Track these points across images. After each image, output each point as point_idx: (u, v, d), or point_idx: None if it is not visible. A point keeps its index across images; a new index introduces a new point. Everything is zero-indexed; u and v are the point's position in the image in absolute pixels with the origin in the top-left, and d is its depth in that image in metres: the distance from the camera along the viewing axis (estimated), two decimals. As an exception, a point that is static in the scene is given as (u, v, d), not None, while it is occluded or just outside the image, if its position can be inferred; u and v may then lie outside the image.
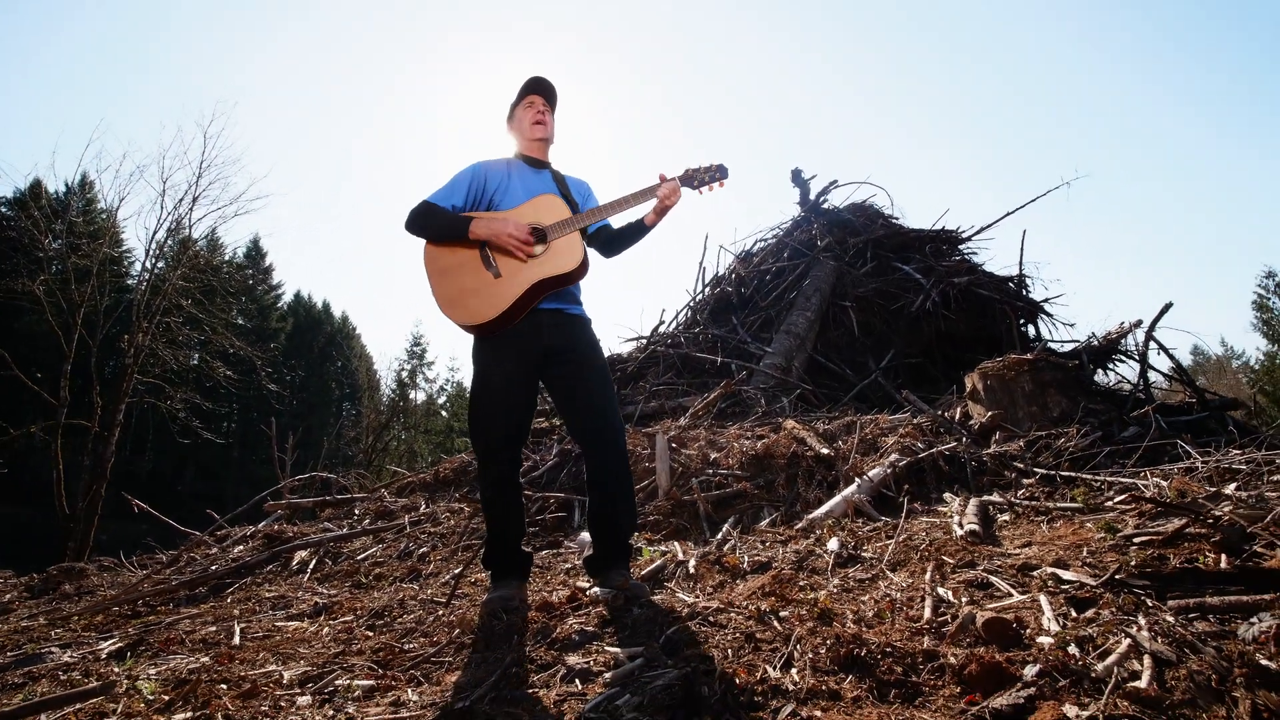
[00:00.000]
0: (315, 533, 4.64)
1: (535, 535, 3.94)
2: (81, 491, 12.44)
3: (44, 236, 13.90)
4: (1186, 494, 2.11)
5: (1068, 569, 1.67)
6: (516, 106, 2.61)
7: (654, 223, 2.52)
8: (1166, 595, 1.36)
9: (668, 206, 2.46)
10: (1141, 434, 3.45)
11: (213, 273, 15.49)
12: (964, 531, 2.23)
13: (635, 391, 7.34)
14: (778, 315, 7.92)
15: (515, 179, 2.49)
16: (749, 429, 4.91)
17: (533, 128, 2.55)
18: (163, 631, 2.73)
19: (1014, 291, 8.35)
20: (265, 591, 3.52)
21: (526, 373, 2.35)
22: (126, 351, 13.29)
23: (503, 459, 2.34)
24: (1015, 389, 4.04)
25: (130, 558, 5.25)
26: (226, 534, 5.21)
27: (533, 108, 2.57)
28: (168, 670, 2.04)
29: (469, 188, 2.44)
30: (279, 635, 2.46)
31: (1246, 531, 1.56)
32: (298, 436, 14.45)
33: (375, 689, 1.64)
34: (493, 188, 2.47)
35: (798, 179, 9.46)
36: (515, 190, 2.46)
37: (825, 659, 1.34)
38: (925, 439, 4.00)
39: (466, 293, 2.30)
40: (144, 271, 14.45)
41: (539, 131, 2.56)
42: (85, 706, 1.71)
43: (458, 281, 2.32)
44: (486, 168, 2.50)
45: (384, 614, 2.56)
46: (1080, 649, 1.23)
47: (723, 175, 2.50)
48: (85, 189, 21.44)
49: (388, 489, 6.13)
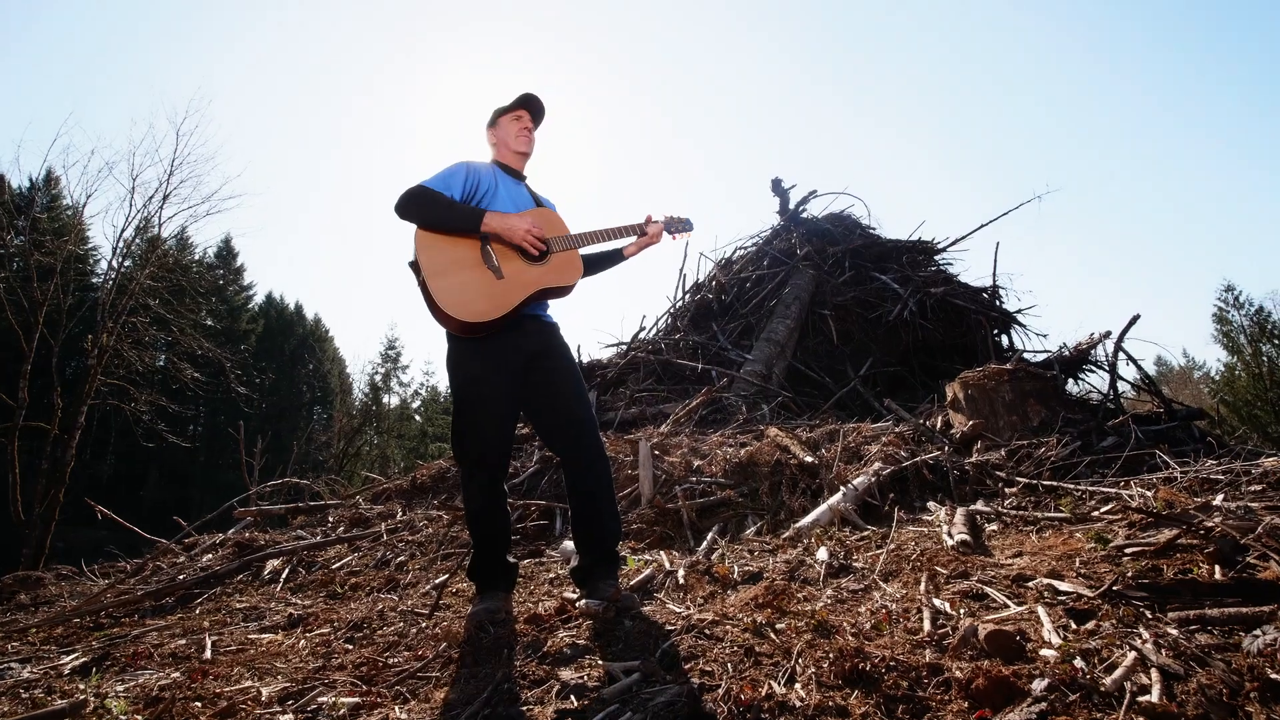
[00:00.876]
0: (288, 541, 4.51)
1: (517, 544, 3.87)
2: (38, 496, 11.97)
3: (5, 233, 13.39)
4: (1174, 505, 2.14)
5: (1063, 580, 1.68)
6: (504, 115, 2.59)
7: (632, 254, 2.71)
8: (1166, 607, 1.37)
9: (648, 244, 2.70)
10: (1120, 444, 3.51)
11: (182, 272, 15.08)
12: (955, 541, 2.23)
13: (615, 398, 7.31)
14: (758, 323, 7.96)
15: (501, 186, 2.48)
16: (731, 436, 4.90)
17: (518, 140, 2.56)
18: (129, 645, 2.61)
19: (988, 302, 8.51)
20: (236, 602, 3.40)
21: (515, 379, 2.32)
22: (90, 352, 12.85)
23: (493, 465, 2.30)
24: (996, 399, 4.09)
25: (91, 566, 5.04)
26: (194, 542, 5.03)
27: (520, 121, 2.58)
28: (137, 687, 1.94)
29: (464, 184, 2.39)
30: (253, 648, 2.36)
31: (1239, 543, 1.58)
32: (267, 441, 14.10)
33: (361, 707, 1.57)
34: (483, 190, 2.44)
35: (778, 188, 9.55)
36: (502, 197, 2.45)
37: (829, 673, 1.32)
38: (908, 447, 4.02)
39: (468, 288, 2.23)
40: (110, 270, 14.00)
41: (524, 144, 2.57)
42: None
43: (457, 277, 2.24)
44: (477, 168, 2.48)
45: (363, 626, 2.49)
46: (1086, 662, 1.23)
47: (689, 228, 2.87)
48: (50, 185, 20.73)
49: (363, 496, 5.99)
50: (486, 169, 2.50)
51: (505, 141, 2.56)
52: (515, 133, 2.55)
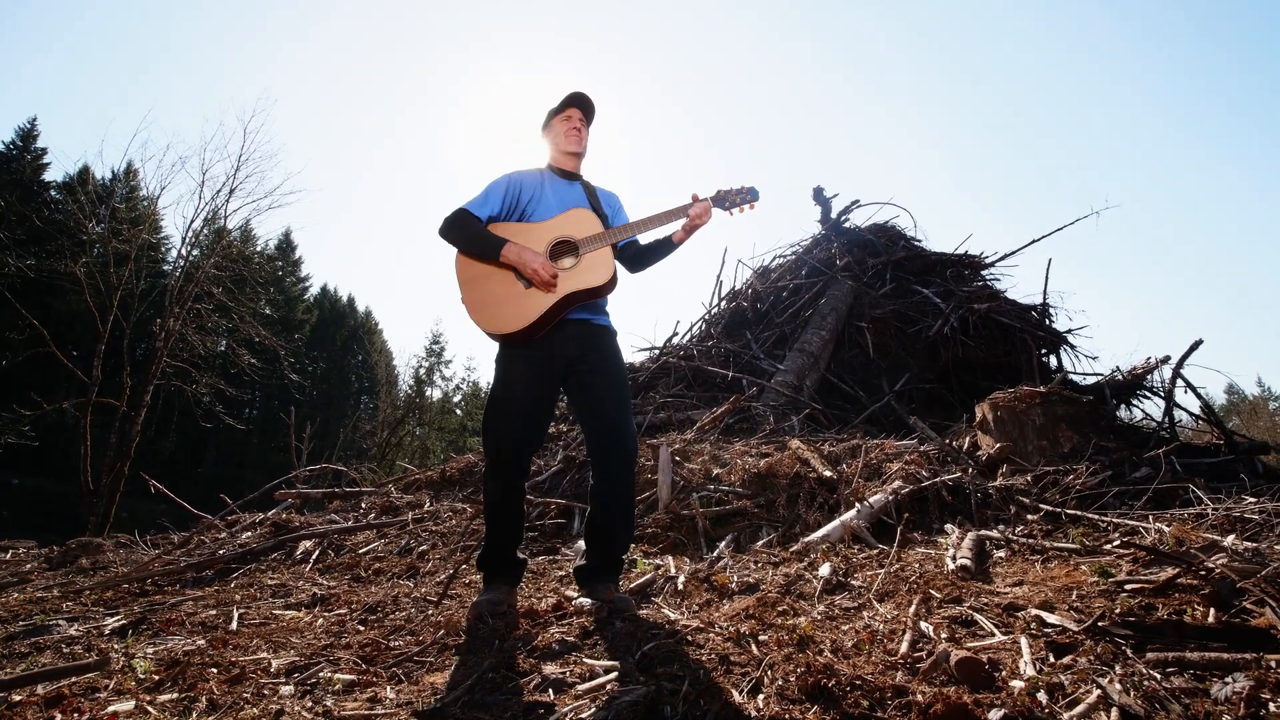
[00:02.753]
0: (321, 524, 4.73)
1: (534, 540, 3.97)
2: (106, 468, 12.79)
3: (88, 221, 14.38)
4: (1184, 542, 2.06)
5: (1053, 612, 1.65)
6: (555, 117, 2.63)
7: (682, 240, 2.53)
8: (1147, 647, 1.34)
9: (697, 226, 2.48)
10: (1153, 475, 3.37)
11: (244, 263, 15.85)
12: (955, 566, 2.21)
13: (645, 401, 7.36)
14: (792, 332, 7.89)
15: (549, 190, 2.53)
16: (754, 446, 4.89)
17: (568, 139, 2.58)
18: (165, 612, 2.81)
19: (1036, 321, 8.21)
20: (268, 579, 3.59)
21: (549, 381, 2.38)
22: (158, 335, 13.66)
23: (513, 465, 2.36)
24: (1026, 421, 3.98)
25: (145, 536, 5.39)
26: (236, 519, 5.32)
27: (570, 120, 2.59)
28: (164, 650, 2.10)
29: (504, 197, 2.48)
30: (274, 623, 2.51)
31: (1236, 586, 1.52)
32: (315, 427, 14.72)
33: (356, 684, 1.68)
34: (526, 198, 2.50)
35: (819, 197, 9.44)
36: (549, 201, 2.50)
37: (794, 687, 1.34)
38: (931, 467, 3.95)
39: (495, 301, 2.33)
40: (179, 258, 14.89)
41: (573, 144, 2.58)
42: (80, 680, 1.77)
43: (487, 289, 2.35)
44: (521, 178, 2.54)
45: (377, 609, 2.61)
46: (1049, 696, 1.22)
47: (754, 198, 2.53)
48: (129, 176, 22.18)
49: (395, 485, 6.21)
50: (533, 176, 2.56)
51: (556, 143, 2.60)
52: (565, 133, 2.58)
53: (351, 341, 38.80)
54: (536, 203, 2.49)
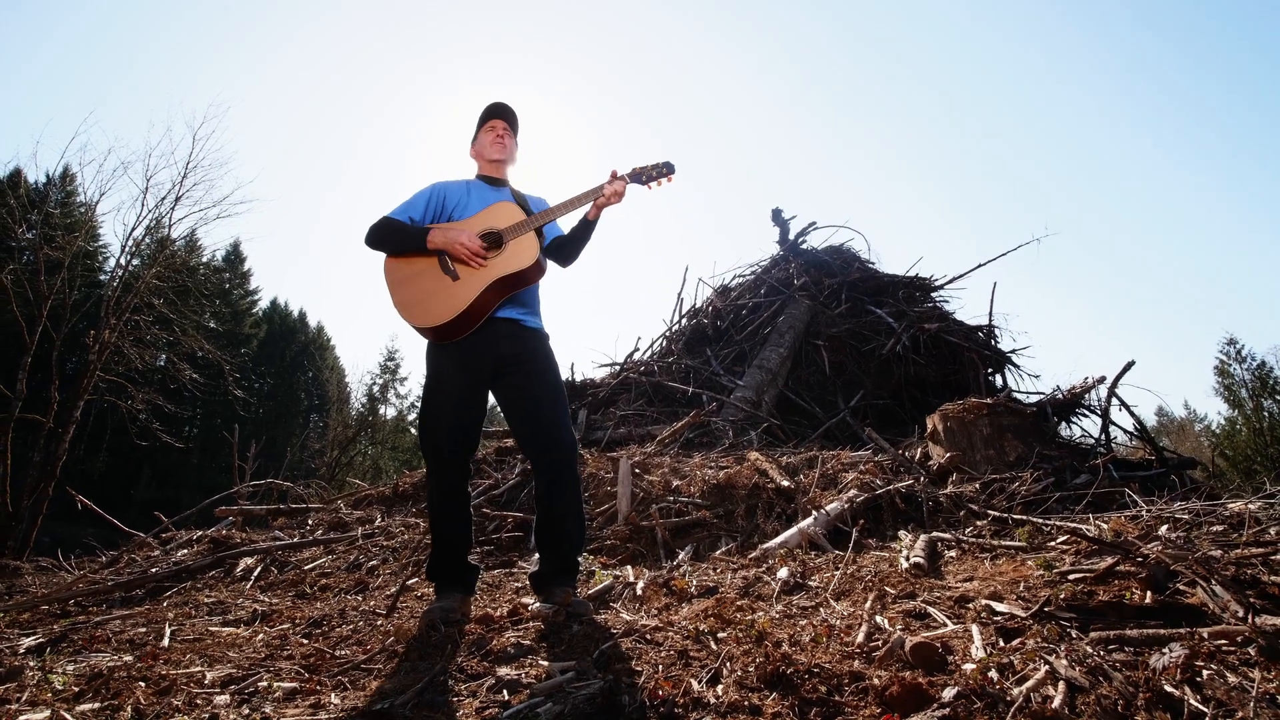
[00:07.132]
0: (264, 540, 4.51)
1: (490, 554, 3.88)
2: (28, 489, 11.96)
3: (18, 226, 13.61)
4: (1122, 534, 2.16)
5: (1002, 601, 1.70)
6: (479, 129, 2.71)
7: (595, 217, 2.55)
8: (1090, 627, 1.39)
9: (610, 203, 2.51)
10: (1092, 481, 3.52)
11: (188, 273, 15.25)
12: (908, 565, 2.25)
13: (606, 417, 7.33)
14: (751, 350, 8.01)
15: (474, 196, 2.57)
16: (713, 459, 4.92)
17: (492, 147, 2.65)
18: (89, 630, 2.62)
19: (983, 341, 8.54)
20: (204, 597, 3.40)
21: (476, 379, 2.36)
22: (91, 348, 12.95)
23: (451, 465, 2.33)
24: (974, 432, 4.12)
25: (68, 559, 5.04)
26: (171, 537, 5.04)
27: (493, 131, 2.67)
28: (86, 666, 1.96)
29: (427, 203, 2.52)
30: (210, 639, 2.37)
31: (1170, 569, 1.60)
32: (261, 445, 14.13)
33: (298, 692, 1.59)
34: (451, 204, 2.54)
35: (778, 218, 9.68)
36: (474, 207, 2.53)
37: (753, 677, 1.33)
38: (885, 476, 4.03)
39: (425, 295, 2.34)
40: (118, 267, 14.18)
41: (498, 152, 2.65)
42: (-11, 698, 1.63)
43: (417, 287, 2.36)
44: (445, 186, 2.59)
45: (322, 623, 2.49)
46: (1001, 674, 1.25)
47: (670, 171, 2.58)
48: (66, 181, 21.15)
49: (345, 501, 5.99)
50: (458, 184, 2.61)
51: (481, 153, 2.68)
52: (489, 142, 2.66)
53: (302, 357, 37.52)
54: (462, 209, 2.52)
